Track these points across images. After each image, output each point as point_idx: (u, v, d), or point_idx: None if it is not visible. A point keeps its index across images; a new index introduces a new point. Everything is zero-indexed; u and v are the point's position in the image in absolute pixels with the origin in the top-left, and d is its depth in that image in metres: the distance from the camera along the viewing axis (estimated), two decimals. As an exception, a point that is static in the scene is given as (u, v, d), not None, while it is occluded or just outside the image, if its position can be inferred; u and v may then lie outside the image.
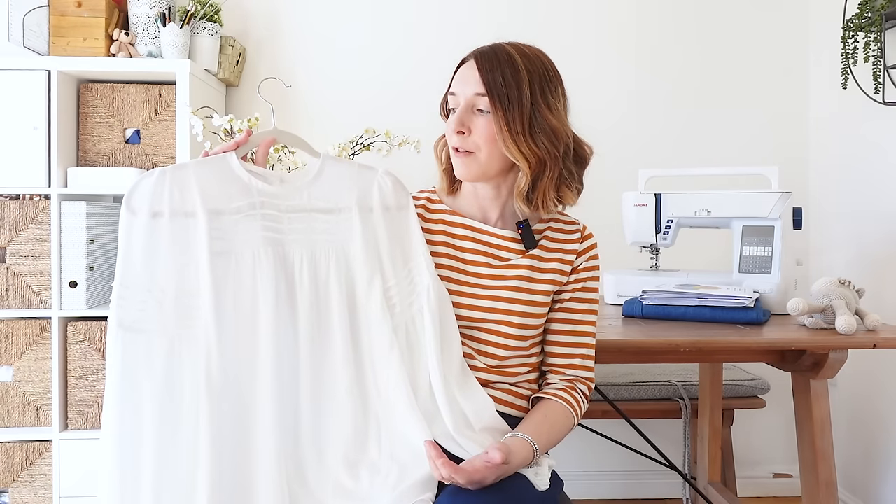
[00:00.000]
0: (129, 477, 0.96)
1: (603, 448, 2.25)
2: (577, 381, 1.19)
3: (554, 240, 1.21)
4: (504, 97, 1.09)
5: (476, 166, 1.14)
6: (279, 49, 2.35)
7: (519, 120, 1.09)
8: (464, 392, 1.09)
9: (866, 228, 2.12)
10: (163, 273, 1.01)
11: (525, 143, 1.10)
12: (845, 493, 2.20)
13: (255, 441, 1.00)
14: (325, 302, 1.07)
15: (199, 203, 1.03)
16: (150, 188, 1.01)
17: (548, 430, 1.09)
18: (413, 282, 1.12)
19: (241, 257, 1.04)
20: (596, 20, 2.39)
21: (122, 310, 0.99)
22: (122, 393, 0.98)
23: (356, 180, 1.13)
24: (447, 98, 1.18)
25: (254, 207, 1.06)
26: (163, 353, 0.99)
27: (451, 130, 1.14)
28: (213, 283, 1.01)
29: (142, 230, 1.00)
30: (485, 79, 1.10)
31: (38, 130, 1.85)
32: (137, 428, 0.97)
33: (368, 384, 1.08)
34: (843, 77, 2.01)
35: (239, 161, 1.08)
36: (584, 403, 1.18)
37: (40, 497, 1.86)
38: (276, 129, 1.16)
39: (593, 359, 1.21)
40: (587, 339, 1.20)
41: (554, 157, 1.12)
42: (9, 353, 1.87)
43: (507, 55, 1.11)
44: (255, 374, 1.02)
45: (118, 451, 0.97)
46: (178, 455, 0.98)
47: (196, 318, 1.01)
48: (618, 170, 2.09)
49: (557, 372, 1.19)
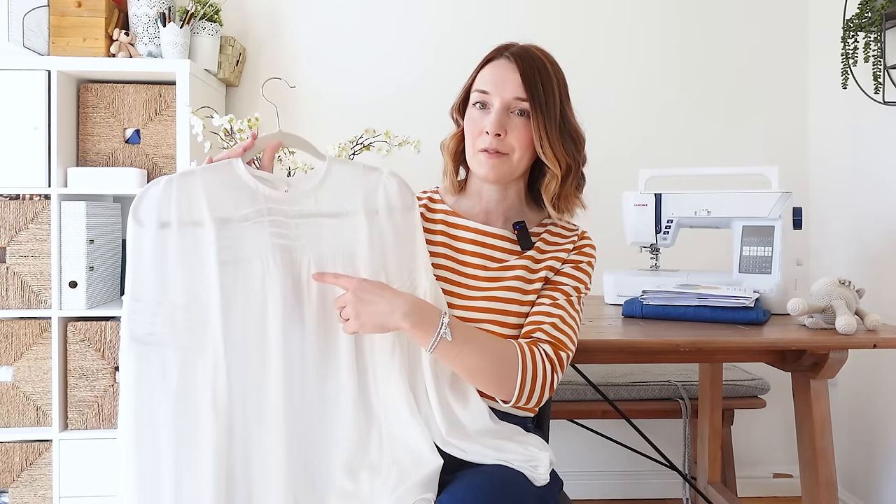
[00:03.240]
0: (148, 483, 0.97)
1: (603, 448, 2.25)
2: (539, 343, 1.09)
3: (550, 243, 1.22)
4: (544, 103, 1.11)
5: (507, 168, 1.15)
6: (279, 49, 2.35)
7: (555, 125, 1.12)
8: (458, 397, 1.09)
9: (866, 228, 2.12)
10: (173, 284, 1.00)
11: (561, 147, 1.13)
12: (845, 493, 2.20)
13: (264, 447, 1.00)
14: (331, 307, 1.07)
15: (207, 212, 1.02)
16: (158, 198, 1.01)
17: (475, 332, 1.07)
18: (413, 284, 1.12)
19: (250, 265, 1.04)
20: (596, 20, 2.38)
21: (133, 323, 0.99)
22: (137, 405, 0.98)
23: (362, 182, 1.12)
24: (469, 95, 1.17)
25: (261, 214, 1.06)
26: (176, 363, 0.99)
27: (481, 131, 1.13)
28: (221, 291, 1.01)
29: (150, 242, 1.00)
30: (527, 84, 1.11)
31: (38, 130, 1.85)
32: (154, 438, 0.97)
33: (370, 389, 1.08)
34: (843, 77, 2.01)
35: (245, 166, 1.07)
36: (542, 361, 1.05)
37: (40, 497, 1.86)
38: (281, 133, 1.15)
39: (569, 336, 1.11)
40: (560, 311, 1.12)
41: (577, 162, 1.17)
42: (9, 353, 1.86)
43: (541, 60, 1.14)
44: (264, 381, 1.02)
45: (136, 462, 0.97)
46: (196, 461, 0.98)
47: (207, 328, 1.01)
48: (618, 170, 2.08)
49: (524, 336, 1.12)
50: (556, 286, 1.18)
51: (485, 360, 1.04)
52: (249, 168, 1.08)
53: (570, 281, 1.18)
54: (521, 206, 1.23)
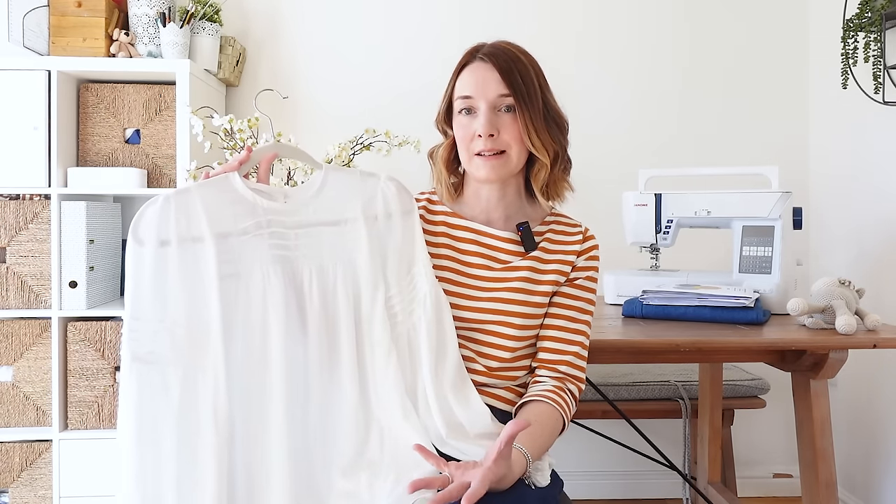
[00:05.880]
0: (150, 501, 0.96)
1: (603, 448, 2.25)
2: (567, 381, 1.15)
3: (555, 241, 1.21)
4: (525, 95, 1.12)
5: (508, 166, 1.15)
6: (279, 49, 2.35)
7: (539, 115, 1.13)
8: (459, 400, 1.09)
9: (866, 228, 2.12)
10: (173, 302, 1.00)
11: (547, 135, 1.14)
12: (845, 493, 2.20)
13: (266, 459, 1.00)
14: (333, 315, 1.07)
15: (206, 227, 1.02)
16: (157, 216, 1.00)
17: (539, 436, 1.06)
18: (415, 288, 1.12)
19: (251, 278, 1.04)
20: (596, 21, 2.38)
21: (135, 342, 0.98)
22: (139, 423, 0.97)
23: (359, 189, 1.12)
24: (453, 103, 1.17)
25: (261, 227, 1.05)
26: (178, 382, 0.99)
27: (474, 134, 1.13)
28: (222, 306, 1.01)
29: (150, 261, 1.00)
30: (507, 79, 1.12)
31: (38, 130, 1.85)
32: (157, 456, 0.97)
33: (370, 391, 1.07)
34: (843, 77, 2.01)
35: (242, 179, 1.07)
36: (573, 406, 1.15)
37: (40, 497, 1.86)
38: (277, 144, 1.16)
39: (585, 360, 1.19)
40: (580, 337, 1.18)
41: (563, 147, 1.17)
42: (9, 353, 1.87)
43: (514, 53, 1.14)
44: (266, 393, 1.02)
45: (138, 480, 0.96)
46: (198, 478, 0.97)
47: (208, 343, 1.00)
48: (618, 170, 2.08)
49: (549, 368, 1.15)
50: (574, 301, 1.19)
51: (550, 443, 1.10)
52: (246, 181, 1.07)
53: (585, 294, 1.20)
54: (520, 202, 1.23)
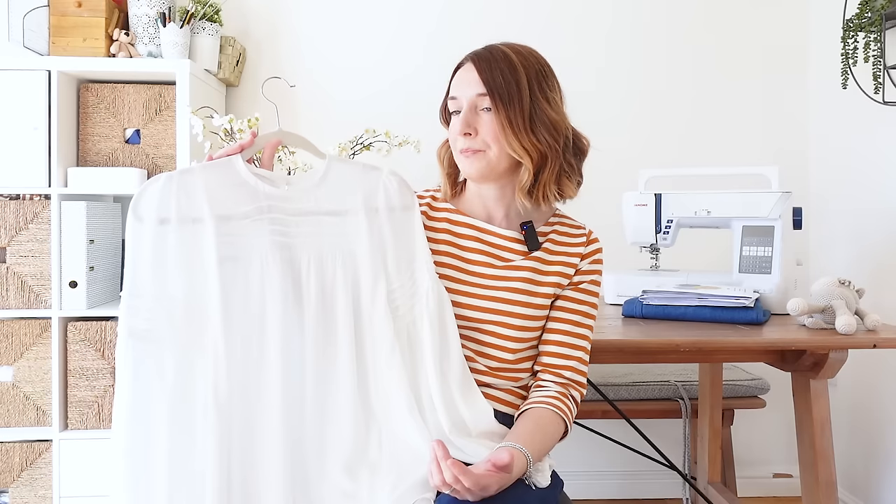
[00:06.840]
0: (142, 483, 0.96)
1: (603, 448, 2.25)
2: (570, 387, 1.15)
3: (559, 243, 1.21)
4: (504, 94, 1.10)
5: (485, 163, 1.14)
6: (279, 49, 2.35)
7: (520, 115, 1.11)
8: (464, 397, 1.09)
9: (866, 228, 2.12)
10: (172, 280, 1.00)
11: (527, 137, 1.11)
12: (845, 493, 2.20)
13: (263, 447, 1.00)
14: (331, 306, 1.07)
15: (207, 208, 1.02)
16: (157, 194, 1.01)
17: (540, 440, 1.06)
18: (416, 283, 1.12)
19: (250, 262, 1.04)
20: (596, 21, 2.38)
21: (131, 319, 0.98)
22: (133, 402, 0.97)
23: (362, 181, 1.12)
24: (447, 103, 1.19)
25: (261, 212, 1.06)
26: (174, 360, 0.99)
27: (456, 133, 1.15)
28: (221, 288, 1.01)
29: (149, 238, 1.00)
30: (484, 78, 1.11)
31: (38, 130, 1.85)
32: (150, 436, 0.97)
33: (370, 387, 1.07)
34: (843, 77, 2.01)
35: (245, 164, 1.07)
36: (574, 412, 1.15)
37: (40, 497, 1.86)
38: (281, 131, 1.15)
39: (587, 365, 1.19)
40: (584, 342, 1.18)
41: (555, 151, 1.13)
42: (9, 353, 1.86)
43: (503, 54, 1.13)
44: (263, 380, 1.02)
45: (130, 459, 0.96)
46: (192, 460, 0.97)
47: (206, 325, 1.00)
48: (618, 170, 2.08)
49: (553, 373, 1.15)
50: (579, 305, 1.19)
51: (551, 448, 1.11)
52: (249, 166, 1.08)
53: (589, 298, 1.20)
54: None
